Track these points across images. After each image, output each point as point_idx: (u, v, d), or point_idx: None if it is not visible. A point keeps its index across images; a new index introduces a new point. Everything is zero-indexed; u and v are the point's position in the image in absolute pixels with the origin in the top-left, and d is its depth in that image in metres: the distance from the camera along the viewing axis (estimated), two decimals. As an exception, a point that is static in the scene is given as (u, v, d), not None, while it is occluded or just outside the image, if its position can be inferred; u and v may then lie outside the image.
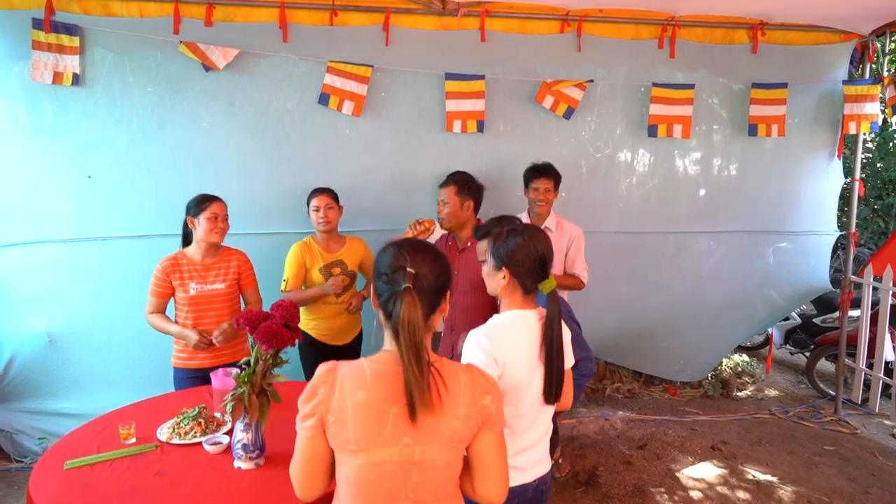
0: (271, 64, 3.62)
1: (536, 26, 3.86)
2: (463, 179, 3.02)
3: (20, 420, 3.67)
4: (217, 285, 2.90)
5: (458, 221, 2.97)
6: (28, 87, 3.38)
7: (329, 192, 3.27)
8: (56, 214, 3.52)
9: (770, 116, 4.03)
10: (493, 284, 1.90)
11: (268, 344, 1.96)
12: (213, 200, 2.89)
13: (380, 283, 1.42)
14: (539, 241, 1.88)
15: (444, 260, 1.47)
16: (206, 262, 2.91)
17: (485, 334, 1.76)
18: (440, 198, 2.99)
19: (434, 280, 1.41)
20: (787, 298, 4.59)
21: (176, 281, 2.86)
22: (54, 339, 3.59)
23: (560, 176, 3.42)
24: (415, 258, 1.40)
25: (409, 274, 1.36)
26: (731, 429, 4.26)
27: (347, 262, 3.31)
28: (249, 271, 3.05)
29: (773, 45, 4.07)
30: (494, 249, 1.88)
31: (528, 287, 1.86)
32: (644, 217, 4.23)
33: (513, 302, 1.88)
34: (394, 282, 1.38)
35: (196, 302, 2.87)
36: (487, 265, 1.92)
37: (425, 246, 1.48)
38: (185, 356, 2.92)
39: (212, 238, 2.87)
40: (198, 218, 2.85)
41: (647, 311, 4.46)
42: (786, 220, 4.37)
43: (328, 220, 3.23)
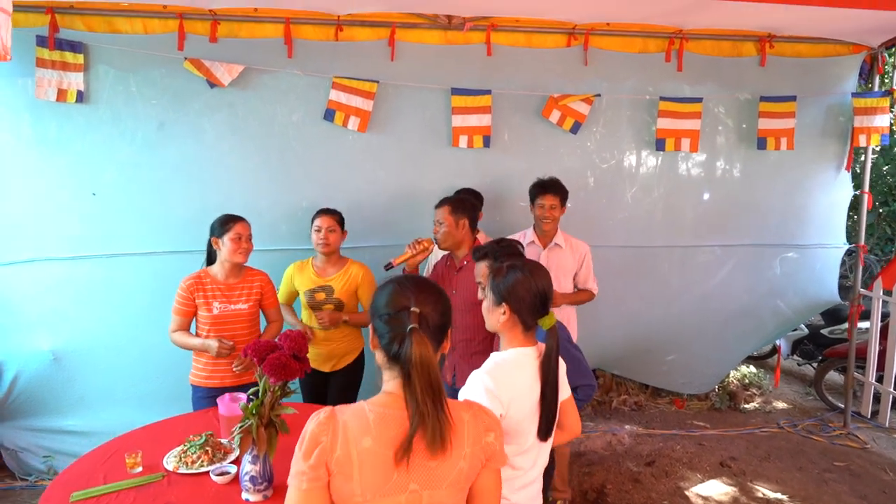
0: (276, 79, 3.60)
1: (543, 40, 3.83)
2: (457, 199, 3.02)
3: (25, 438, 3.65)
4: (240, 305, 2.91)
5: (454, 241, 2.95)
6: (32, 104, 3.38)
7: (334, 215, 3.21)
8: (60, 232, 3.50)
9: (779, 129, 4.00)
10: (492, 320, 1.87)
11: (276, 376, 1.94)
12: (237, 221, 2.89)
13: (380, 323, 1.36)
14: (540, 277, 1.86)
15: (446, 297, 1.44)
16: (229, 281, 2.91)
17: (489, 375, 1.73)
18: (435, 218, 2.97)
19: (438, 319, 1.38)
20: (795, 311, 4.55)
21: (199, 299, 2.86)
22: (59, 356, 3.58)
23: (566, 192, 3.38)
24: (419, 297, 1.36)
25: (414, 314, 1.32)
26: (740, 443, 4.22)
27: (336, 288, 3.18)
28: (272, 292, 3.06)
29: (782, 58, 4.04)
30: (494, 285, 1.85)
31: (529, 323, 1.84)
32: (651, 231, 4.20)
33: (513, 339, 1.85)
34: (398, 322, 1.33)
35: (219, 321, 2.87)
36: (487, 300, 1.89)
37: (427, 284, 1.44)
38: (205, 374, 2.91)
39: (236, 258, 2.87)
40: (222, 238, 2.86)
41: (653, 325, 4.43)
42: (794, 233, 4.34)
43: (327, 242, 3.16)
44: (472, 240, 3.01)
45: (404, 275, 1.49)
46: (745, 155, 4.19)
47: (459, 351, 2.92)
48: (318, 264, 3.26)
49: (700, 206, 4.24)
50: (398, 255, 2.97)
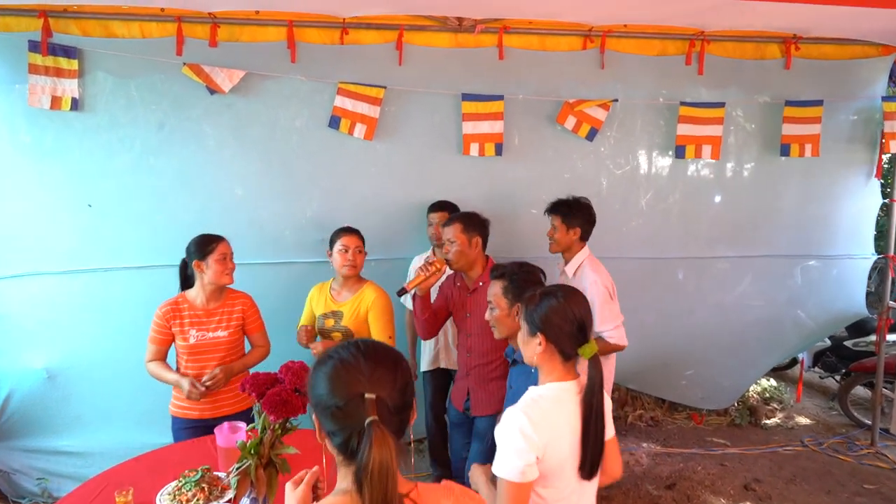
0: (279, 85, 3.45)
1: (557, 43, 3.66)
2: (467, 215, 2.82)
3: (18, 459, 3.51)
4: (219, 332, 2.71)
5: (466, 261, 2.76)
6: (26, 112, 3.22)
7: (359, 234, 2.97)
8: (55, 245, 3.36)
9: (804, 136, 3.81)
10: (528, 352, 1.75)
11: (276, 414, 1.78)
12: (219, 240, 2.72)
13: (326, 419, 1.10)
14: (576, 303, 1.74)
15: (405, 364, 1.19)
16: (209, 306, 2.73)
17: (526, 415, 1.59)
18: (445, 237, 2.78)
19: (400, 398, 1.12)
20: (819, 324, 4.37)
21: (176, 327, 2.68)
22: (53, 374, 3.43)
23: (572, 211, 3.03)
24: (372, 377, 1.09)
25: (370, 401, 1.06)
26: (763, 464, 4.04)
27: (345, 315, 2.92)
28: (255, 315, 2.85)
29: (807, 60, 3.86)
30: (528, 314, 1.74)
31: (568, 353, 1.71)
32: (668, 241, 4.03)
33: (552, 371, 1.72)
34: (350, 415, 1.07)
35: (196, 350, 2.69)
36: (522, 332, 1.77)
37: (378, 352, 1.16)
38: (184, 405, 2.74)
39: (224, 280, 2.71)
40: (205, 261, 2.66)
41: (670, 338, 4.25)
42: (820, 243, 4.16)
43: (355, 263, 2.89)
44: (486, 259, 2.83)
45: (346, 345, 1.17)
46: (767, 162, 4.00)
47: (474, 377, 2.76)
48: (336, 287, 3.01)
49: (719, 216, 4.06)
50: (407, 283, 2.76)
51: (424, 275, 2.68)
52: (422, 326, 2.87)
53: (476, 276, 2.80)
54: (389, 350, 1.19)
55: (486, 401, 2.73)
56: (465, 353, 2.82)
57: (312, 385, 1.14)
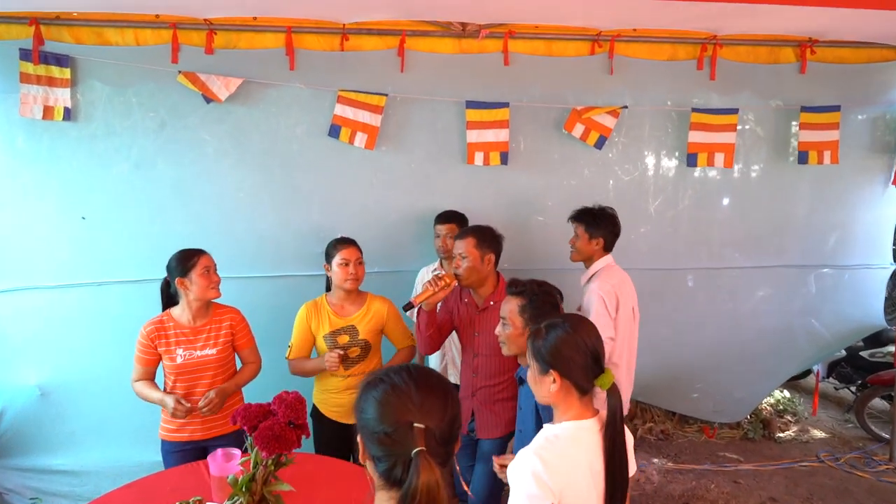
0: (277, 93, 3.35)
1: (564, 48, 3.54)
2: (482, 230, 2.68)
3: (11, 479, 3.41)
4: (207, 351, 2.60)
5: (478, 278, 2.62)
6: (17, 122, 3.14)
7: (357, 246, 2.86)
8: (48, 258, 3.27)
9: (822, 142, 3.68)
10: (542, 391, 1.62)
11: (268, 450, 1.68)
12: (199, 254, 2.61)
13: (373, 444, 1.08)
14: (585, 331, 1.63)
15: (454, 394, 1.15)
16: (195, 324, 2.61)
17: (540, 458, 1.48)
18: (456, 251, 2.63)
19: (448, 430, 1.10)
20: (835, 335, 4.23)
21: (161, 347, 2.57)
22: (47, 391, 3.35)
23: (597, 220, 2.93)
24: (422, 406, 1.08)
25: (419, 431, 1.05)
26: (778, 481, 3.91)
27: (360, 329, 2.81)
28: (244, 330, 2.74)
29: (823, 64, 3.72)
30: (535, 350, 1.62)
31: (584, 387, 1.60)
32: (680, 253, 3.91)
33: (569, 408, 1.60)
34: (397, 442, 1.06)
35: (184, 370, 2.58)
36: (532, 370, 1.65)
37: (428, 380, 1.14)
38: (172, 428, 2.63)
39: (209, 295, 2.59)
40: (188, 276, 2.55)
41: (682, 351, 4.13)
42: (835, 253, 4.02)
43: (357, 277, 2.78)
44: (497, 276, 2.70)
45: (398, 370, 1.15)
46: (780, 168, 3.87)
47: (480, 397, 2.64)
48: (336, 302, 2.87)
49: (733, 226, 3.93)
50: (414, 297, 2.63)
51: (433, 289, 2.55)
52: (424, 342, 2.73)
53: (486, 294, 2.66)
54: (441, 380, 1.17)
55: (493, 423, 2.63)
56: (471, 373, 2.71)
57: (361, 408, 1.12)
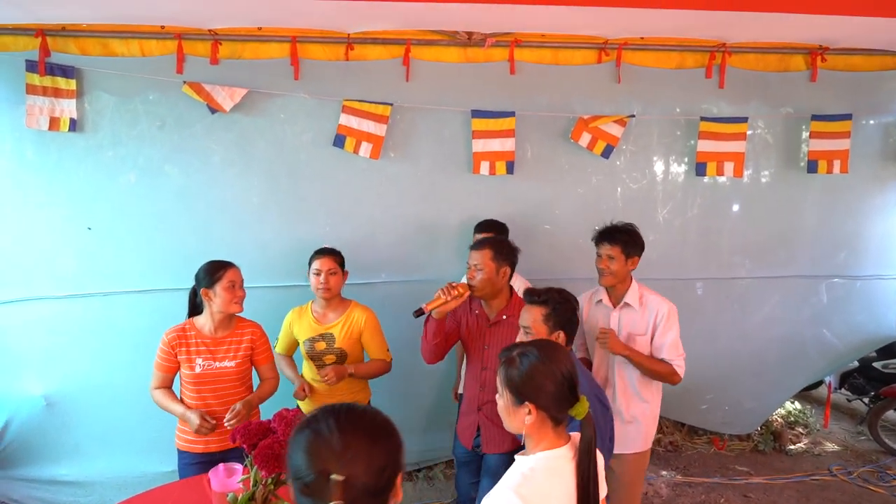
0: (282, 103, 3.35)
1: (571, 56, 3.52)
2: (499, 243, 2.62)
3: (18, 489, 3.41)
4: (226, 363, 2.59)
5: (492, 290, 2.56)
6: (25, 133, 3.16)
7: (334, 255, 2.89)
8: (54, 268, 3.29)
9: (832, 151, 3.63)
10: (515, 423, 1.56)
11: (267, 469, 1.65)
12: (227, 267, 2.60)
13: (298, 493, 1.04)
14: (560, 359, 1.57)
15: (389, 440, 1.09)
16: (217, 335, 2.61)
17: (519, 496, 1.41)
18: (472, 262, 2.57)
19: (374, 480, 1.03)
20: (848, 346, 4.17)
21: (182, 355, 2.57)
22: (52, 402, 3.35)
23: (633, 240, 2.74)
24: (343, 455, 1.02)
25: (335, 483, 0.99)
26: (790, 495, 3.84)
27: (337, 336, 2.87)
28: (264, 346, 2.73)
29: (834, 72, 3.68)
30: (508, 379, 1.55)
31: (558, 418, 1.54)
32: (688, 262, 3.86)
33: (542, 439, 1.55)
34: (317, 493, 1.01)
35: (202, 381, 2.57)
36: (504, 400, 1.57)
37: (356, 425, 1.07)
38: (190, 439, 2.62)
39: (232, 309, 2.58)
40: (213, 289, 2.55)
41: (690, 361, 3.99)
42: (847, 263, 3.97)
43: (328, 286, 2.83)
44: (510, 290, 2.63)
45: (327, 411, 1.09)
46: (790, 177, 3.82)
47: (487, 411, 2.58)
48: (318, 309, 2.94)
49: (742, 235, 3.88)
50: (425, 298, 2.53)
51: (445, 298, 2.46)
52: (430, 350, 2.65)
53: (499, 307, 2.60)
54: (375, 423, 1.09)
55: (500, 438, 2.57)
56: (478, 387, 2.64)
57: (289, 453, 1.08)
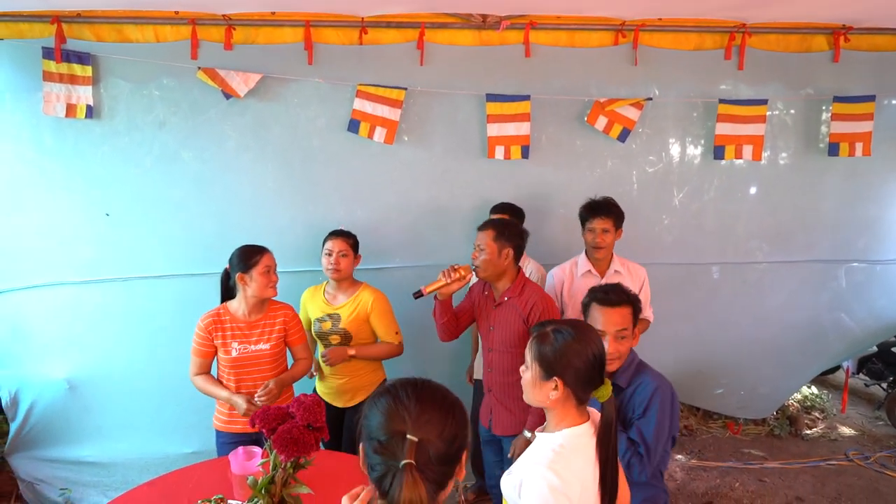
0: (296, 88, 3.33)
1: (587, 39, 3.47)
2: (502, 224, 2.63)
3: (42, 469, 3.49)
4: (262, 346, 2.64)
5: (494, 271, 2.57)
6: (43, 120, 3.16)
7: (347, 237, 2.94)
8: (74, 254, 3.31)
9: (854, 133, 3.56)
10: (539, 396, 1.59)
11: (287, 453, 1.67)
12: (263, 252, 2.64)
13: (370, 451, 1.10)
14: (592, 340, 1.59)
15: (460, 415, 1.14)
16: (250, 319, 2.66)
17: (555, 472, 1.44)
18: (476, 242, 2.60)
19: (445, 448, 1.08)
20: (867, 331, 4.12)
21: (218, 340, 2.62)
22: (74, 385, 3.40)
23: (622, 212, 3.01)
24: (418, 419, 1.08)
25: (410, 443, 1.05)
26: (805, 480, 3.83)
27: (343, 317, 2.92)
28: (297, 327, 2.78)
29: (857, 52, 3.59)
30: (539, 354, 1.57)
31: (582, 398, 1.58)
32: (705, 246, 3.83)
33: (565, 416, 1.58)
34: (390, 452, 1.06)
35: (239, 364, 2.62)
36: (530, 373, 1.60)
37: (432, 395, 1.13)
38: (226, 419, 2.69)
39: (267, 294, 2.63)
40: (249, 273, 2.59)
41: (706, 347, 4.06)
42: (867, 248, 3.91)
43: (338, 267, 2.88)
44: (516, 271, 2.64)
45: (405, 382, 1.16)
46: (810, 160, 3.75)
47: (497, 393, 2.62)
48: (330, 290, 3.01)
49: (760, 219, 3.83)
50: (429, 281, 2.61)
51: (445, 280, 2.53)
52: (441, 329, 2.72)
53: (503, 288, 2.61)
54: (448, 398, 1.15)
55: (509, 421, 2.60)
56: (487, 369, 2.69)
57: (366, 414, 1.14)
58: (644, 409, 2.00)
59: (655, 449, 1.98)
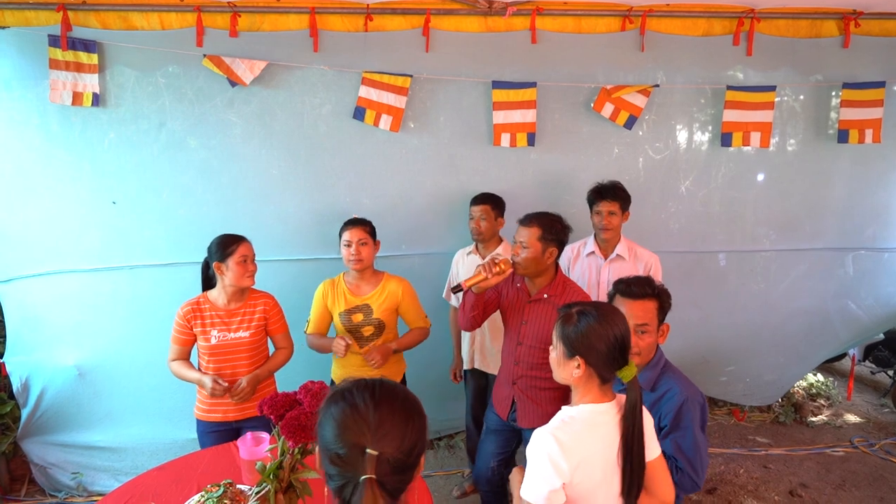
0: (302, 75, 3.32)
1: (594, 24, 3.44)
2: (549, 221, 2.49)
3: (54, 454, 3.54)
4: (241, 333, 2.66)
5: (536, 269, 2.48)
6: (50, 108, 3.17)
7: (364, 225, 2.88)
8: (82, 242, 3.34)
9: (864, 120, 3.53)
10: (563, 374, 1.67)
11: (294, 439, 1.69)
12: (239, 242, 2.64)
13: (327, 462, 1.08)
14: (616, 323, 1.63)
15: (419, 420, 1.12)
16: (230, 307, 2.67)
17: (556, 438, 1.52)
18: (518, 237, 2.48)
19: (404, 458, 1.07)
20: (874, 319, 4.12)
21: (197, 328, 2.64)
22: (84, 371, 3.44)
23: (628, 196, 3.04)
24: (378, 430, 1.06)
25: (370, 457, 1.03)
26: (809, 466, 3.85)
27: (374, 307, 2.87)
28: (277, 315, 2.78)
29: (868, 38, 3.55)
30: (564, 334, 1.64)
31: (606, 377, 1.63)
32: (712, 234, 3.82)
33: (587, 393, 1.64)
34: (349, 465, 1.05)
35: (218, 351, 2.64)
36: (556, 352, 1.68)
37: (392, 401, 1.11)
38: (206, 408, 2.70)
39: (244, 283, 2.64)
40: (225, 263, 2.60)
41: (711, 334, 4.06)
42: (875, 235, 3.89)
43: (360, 257, 2.81)
44: (556, 269, 2.55)
45: (362, 386, 1.13)
46: (821, 148, 3.73)
47: (521, 385, 2.57)
48: (352, 281, 2.93)
49: (767, 207, 3.81)
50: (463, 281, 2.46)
51: (486, 275, 2.40)
52: (467, 321, 2.63)
53: (542, 285, 2.53)
54: (407, 402, 1.13)
55: (536, 413, 2.53)
56: (513, 362, 2.61)
57: (320, 422, 1.12)
58: (675, 421, 1.92)
59: (699, 461, 1.90)
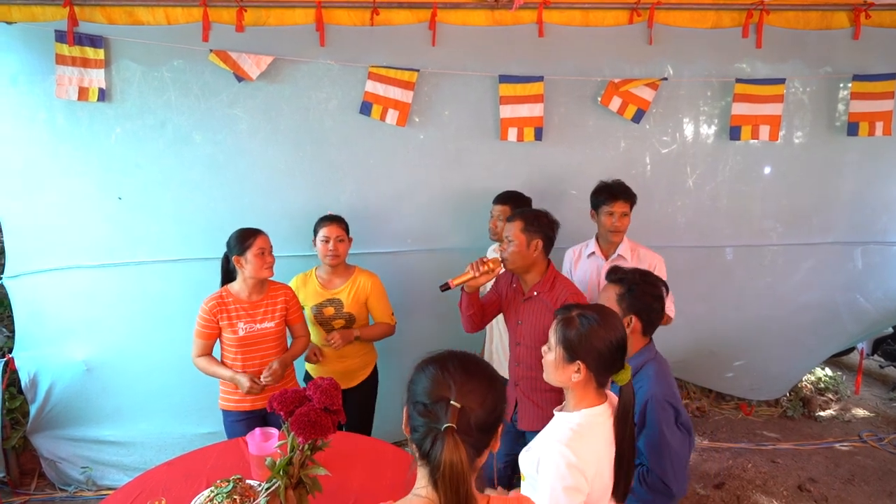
0: (309, 69, 3.31)
1: (602, 17, 3.42)
2: (531, 214, 2.53)
3: (63, 448, 3.56)
4: (266, 324, 2.71)
5: (523, 264, 2.48)
6: (57, 103, 3.17)
7: (340, 222, 2.98)
8: (91, 238, 3.35)
9: (874, 113, 3.49)
10: (562, 377, 1.64)
11: (305, 435, 1.69)
12: (257, 235, 2.68)
13: (415, 413, 1.17)
14: (615, 326, 1.63)
15: (500, 388, 1.19)
16: (253, 299, 2.71)
17: (570, 448, 1.50)
18: (505, 233, 2.52)
19: (485, 417, 1.15)
20: (883, 313, 4.09)
21: (223, 321, 2.67)
22: (92, 367, 3.46)
23: (636, 196, 2.97)
24: (462, 387, 1.14)
25: (453, 409, 1.11)
26: (818, 461, 3.83)
27: (344, 301, 2.97)
28: (297, 306, 2.85)
29: (879, 29, 3.51)
30: (563, 337, 1.62)
31: (603, 381, 1.64)
32: (719, 228, 3.79)
33: (585, 397, 1.63)
34: (433, 416, 1.13)
35: (245, 343, 2.68)
36: (554, 355, 1.64)
37: (478, 368, 1.20)
38: (235, 398, 2.74)
39: (263, 275, 2.68)
40: (244, 256, 2.65)
41: (719, 328, 4.04)
42: (886, 229, 3.86)
43: (337, 253, 2.91)
44: (546, 264, 2.55)
45: (452, 354, 1.21)
46: (830, 141, 3.69)
47: (523, 387, 2.56)
48: (323, 276, 3.03)
49: (775, 201, 3.78)
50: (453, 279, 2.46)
51: (473, 273, 2.43)
52: (465, 321, 2.66)
53: (532, 282, 2.52)
54: (490, 372, 1.22)
55: (536, 414, 2.52)
56: (514, 363, 2.61)
57: (413, 379, 1.20)
58: (642, 419, 1.91)
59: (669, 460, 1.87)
